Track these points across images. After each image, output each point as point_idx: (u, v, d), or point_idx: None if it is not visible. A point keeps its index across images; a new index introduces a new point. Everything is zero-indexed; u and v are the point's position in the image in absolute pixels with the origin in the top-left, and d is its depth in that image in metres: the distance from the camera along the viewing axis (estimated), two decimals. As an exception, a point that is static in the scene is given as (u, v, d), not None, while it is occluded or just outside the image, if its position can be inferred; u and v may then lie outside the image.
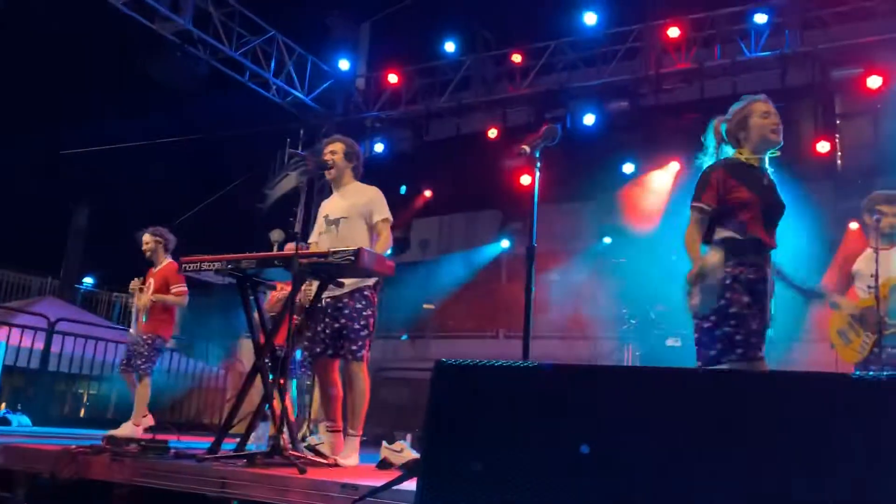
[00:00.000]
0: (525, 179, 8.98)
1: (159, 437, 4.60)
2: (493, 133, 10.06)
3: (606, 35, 9.62)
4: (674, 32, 8.93)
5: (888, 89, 7.83)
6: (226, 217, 11.58)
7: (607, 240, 9.64)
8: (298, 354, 5.86)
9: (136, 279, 6.15)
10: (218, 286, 4.70)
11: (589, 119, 9.42)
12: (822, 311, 4.51)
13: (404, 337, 10.92)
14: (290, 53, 10.37)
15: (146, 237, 6.21)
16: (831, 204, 7.94)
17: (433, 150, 10.81)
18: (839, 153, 8.33)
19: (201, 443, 4.68)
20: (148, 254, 6.19)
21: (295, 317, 3.97)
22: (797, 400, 1.75)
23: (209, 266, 4.22)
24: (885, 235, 4.46)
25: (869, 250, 4.44)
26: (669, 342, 7.16)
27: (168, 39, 8.96)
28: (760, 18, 8.61)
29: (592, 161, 9.09)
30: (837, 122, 8.15)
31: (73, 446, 3.94)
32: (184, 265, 4.42)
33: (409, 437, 5.24)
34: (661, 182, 9.33)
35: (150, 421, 6.00)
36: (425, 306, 10.48)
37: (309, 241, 4.66)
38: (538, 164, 3.51)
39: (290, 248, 6.02)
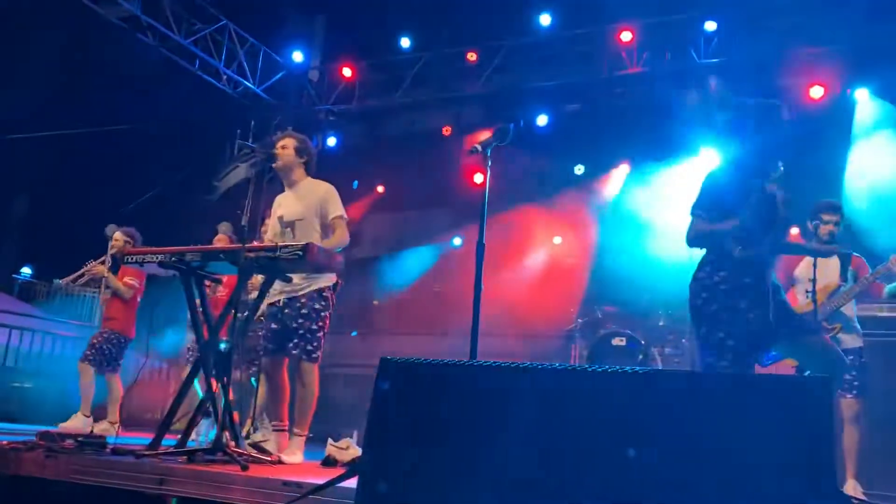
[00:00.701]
0: (478, 178, 9.01)
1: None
2: (446, 131, 10.06)
3: (561, 37, 9.69)
4: (626, 37, 9.05)
5: (829, 99, 8.10)
6: (172, 208, 11.30)
7: (558, 239, 9.75)
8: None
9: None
10: (162, 278, 4.61)
11: (542, 120, 9.49)
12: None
13: (354, 333, 10.84)
14: (243, 43, 10.17)
15: (117, 234, 6.16)
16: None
17: (387, 145, 10.76)
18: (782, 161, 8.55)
19: (142, 439, 4.57)
20: (115, 251, 6.15)
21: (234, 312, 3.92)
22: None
23: (153, 258, 4.14)
24: (825, 242, 4.61)
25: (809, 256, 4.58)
26: (615, 342, 7.27)
27: (115, 24, 8.70)
28: (710, 26, 8.79)
29: (544, 162, 9.18)
30: (781, 129, 8.35)
31: (5, 442, 3.81)
32: (126, 257, 4.32)
33: (355, 434, 5.20)
34: (610, 184, 9.47)
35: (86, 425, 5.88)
36: (375, 303, 10.42)
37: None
38: (489, 163, 3.53)
39: (219, 239, 5.98)
